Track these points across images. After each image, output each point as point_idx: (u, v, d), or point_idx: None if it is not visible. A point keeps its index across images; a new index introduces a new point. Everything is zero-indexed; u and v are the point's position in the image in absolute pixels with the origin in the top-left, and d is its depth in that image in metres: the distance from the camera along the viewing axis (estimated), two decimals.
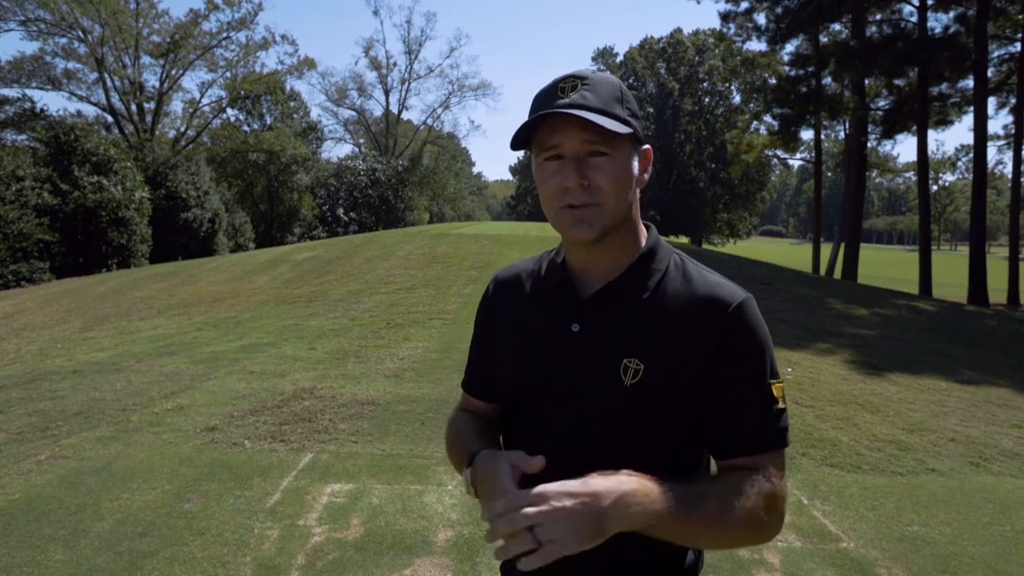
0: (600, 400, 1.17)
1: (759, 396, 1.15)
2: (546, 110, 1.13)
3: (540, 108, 1.15)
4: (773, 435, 1.15)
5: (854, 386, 7.19)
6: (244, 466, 4.55)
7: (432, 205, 57.63)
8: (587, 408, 1.18)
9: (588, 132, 1.12)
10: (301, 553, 3.44)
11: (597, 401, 1.17)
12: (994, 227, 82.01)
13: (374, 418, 5.63)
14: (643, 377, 1.15)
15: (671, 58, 60.04)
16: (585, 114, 1.10)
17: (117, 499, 4.00)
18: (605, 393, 1.16)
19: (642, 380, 1.14)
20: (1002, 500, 4.41)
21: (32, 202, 21.25)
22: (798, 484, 4.57)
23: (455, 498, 4.17)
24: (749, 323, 1.16)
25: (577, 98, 1.13)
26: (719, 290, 1.18)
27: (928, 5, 23.81)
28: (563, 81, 1.17)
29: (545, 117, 1.13)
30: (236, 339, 8.85)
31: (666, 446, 1.19)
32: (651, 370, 1.15)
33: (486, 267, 13.53)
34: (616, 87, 1.18)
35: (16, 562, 3.25)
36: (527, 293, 1.35)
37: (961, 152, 75.17)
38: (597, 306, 1.22)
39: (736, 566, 3.45)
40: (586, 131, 1.12)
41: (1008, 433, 5.92)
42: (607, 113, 1.13)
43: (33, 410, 5.90)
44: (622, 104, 1.17)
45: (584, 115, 1.10)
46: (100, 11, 32.01)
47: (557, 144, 1.15)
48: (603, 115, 1.12)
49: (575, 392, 1.19)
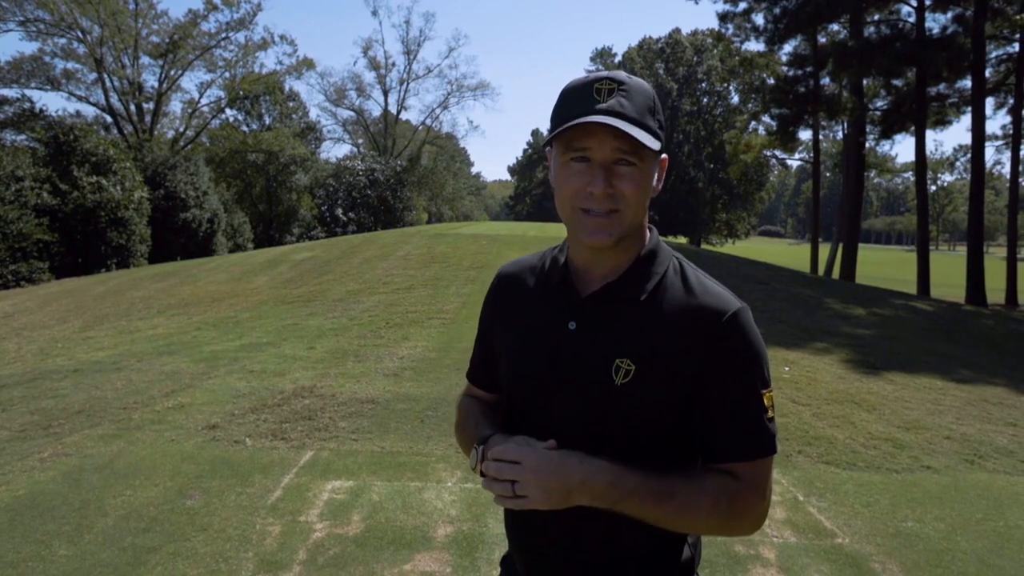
0: (592, 398, 1.21)
1: (749, 405, 1.19)
2: (587, 116, 1.13)
3: (574, 106, 1.17)
4: (761, 443, 1.19)
5: (851, 385, 7.24)
6: (245, 463, 4.59)
7: (430, 205, 57.67)
8: (580, 404, 1.22)
9: (620, 141, 1.14)
10: (303, 548, 3.48)
11: (589, 398, 1.21)
12: (993, 227, 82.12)
13: (374, 416, 5.67)
14: (633, 378, 1.18)
15: (669, 58, 60.13)
16: (623, 125, 1.12)
17: (120, 495, 4.04)
18: (597, 391, 1.20)
19: (632, 380, 1.18)
20: (995, 496, 4.46)
21: (31, 202, 21.27)
22: (794, 481, 4.62)
23: (454, 495, 4.21)
24: (742, 333, 1.19)
25: (614, 104, 1.15)
26: (714, 299, 1.21)
27: (926, 5, 23.86)
28: (599, 82, 1.18)
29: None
30: (236, 338, 8.89)
31: (655, 445, 1.21)
32: (642, 372, 1.18)
33: (484, 267, 13.56)
34: (650, 96, 1.20)
35: (22, 557, 3.29)
36: (530, 289, 1.38)
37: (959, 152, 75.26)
38: (594, 306, 1.25)
39: (732, 561, 3.50)
40: (619, 140, 1.14)
41: (1003, 431, 5.97)
42: (640, 124, 1.15)
43: (35, 408, 5.94)
44: (653, 115, 1.19)
45: (622, 126, 1.12)
46: (99, 11, 32.05)
47: (588, 147, 1.16)
48: (637, 125, 1.14)
49: (570, 388, 1.23)
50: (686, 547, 1.30)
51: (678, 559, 1.28)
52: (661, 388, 1.18)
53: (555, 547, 1.28)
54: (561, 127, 1.15)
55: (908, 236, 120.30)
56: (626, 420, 1.19)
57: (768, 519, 3.95)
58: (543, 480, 1.12)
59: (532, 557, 1.34)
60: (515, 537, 1.40)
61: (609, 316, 1.24)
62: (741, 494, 1.16)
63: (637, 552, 1.25)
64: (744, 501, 1.17)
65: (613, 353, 1.20)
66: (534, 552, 1.33)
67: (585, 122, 1.12)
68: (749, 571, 3.41)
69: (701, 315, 1.19)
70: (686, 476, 1.18)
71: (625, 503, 1.13)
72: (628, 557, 1.25)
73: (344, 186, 44.46)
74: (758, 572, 3.41)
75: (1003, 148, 31.19)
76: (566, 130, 1.15)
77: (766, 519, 1.22)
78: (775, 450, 1.19)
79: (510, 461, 1.14)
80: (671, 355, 1.18)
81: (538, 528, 1.28)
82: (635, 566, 1.26)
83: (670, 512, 1.14)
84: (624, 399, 1.18)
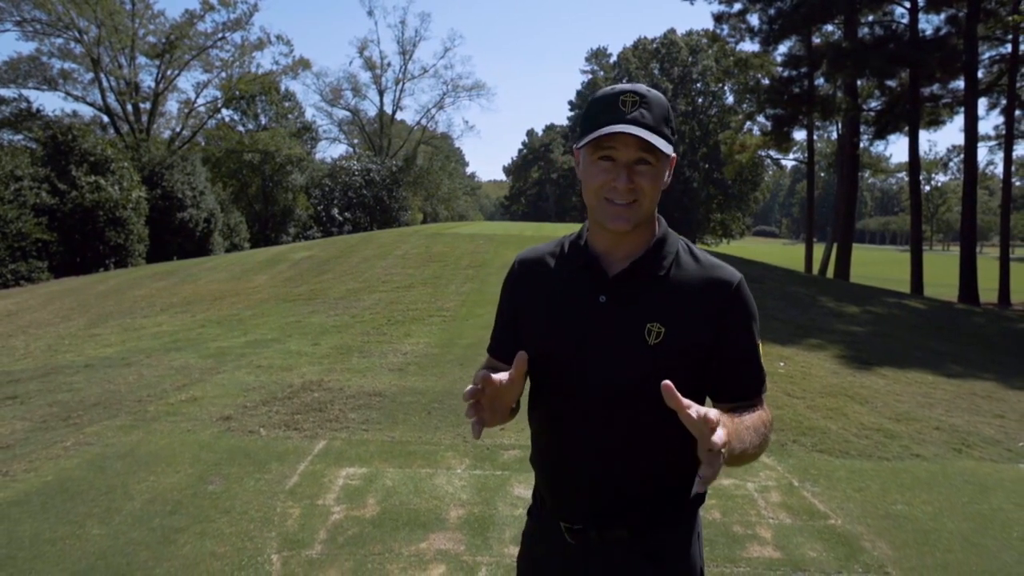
0: (628, 358, 1.43)
1: (754, 353, 1.50)
2: (617, 125, 1.36)
3: (603, 114, 1.40)
4: (762, 382, 1.51)
5: (844, 379, 7.44)
6: (261, 452, 4.76)
7: (426, 205, 57.76)
8: (618, 364, 1.44)
9: (641, 144, 1.37)
10: (323, 529, 3.66)
11: (626, 359, 1.43)
12: (987, 227, 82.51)
13: (382, 408, 5.84)
14: (665, 338, 1.42)
15: (665, 59, 60.45)
16: (644, 134, 1.35)
17: (144, 481, 4.21)
18: (632, 352, 1.43)
19: (664, 340, 1.42)
20: (981, 482, 4.66)
21: (30, 202, 21.39)
22: (789, 468, 4.81)
23: (464, 480, 4.39)
24: (746, 297, 1.49)
25: (638, 116, 1.38)
26: (723, 271, 1.49)
27: (919, 7, 24.12)
28: (624, 95, 1.41)
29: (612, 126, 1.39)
30: (240, 335, 9.05)
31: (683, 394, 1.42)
32: (671, 332, 1.42)
33: (482, 266, 13.74)
34: (665, 108, 1.43)
35: (59, 535, 3.46)
36: (553, 271, 1.59)
37: (953, 152, 75.81)
38: (621, 282, 1.48)
39: (731, 540, 3.69)
40: (640, 144, 1.37)
41: (990, 422, 6.18)
42: (658, 131, 1.39)
43: (52, 401, 6.10)
44: (667, 123, 1.43)
45: (644, 135, 1.35)
46: (96, 11, 32.06)
47: (614, 149, 1.39)
48: (655, 133, 1.38)
49: (605, 354, 1.44)
50: (693, 486, 1.50)
51: (689, 494, 1.50)
52: (687, 345, 1.43)
53: (590, 486, 1.49)
54: (594, 133, 1.39)
55: (902, 236, 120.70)
56: (660, 374, 1.35)
57: (764, 502, 4.17)
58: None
59: (568, 495, 1.54)
60: (551, 478, 1.58)
61: (635, 289, 1.47)
62: (768, 418, 1.48)
63: (661, 488, 1.48)
64: (770, 422, 1.48)
65: (644, 319, 1.43)
66: (570, 491, 1.53)
67: (615, 131, 1.36)
68: (747, 549, 3.60)
69: (715, 284, 1.47)
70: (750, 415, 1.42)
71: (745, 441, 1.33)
72: (649, 491, 1.48)
73: (340, 186, 44.59)
74: (755, 550, 3.60)
75: (996, 148, 31.53)
76: (598, 136, 1.38)
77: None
78: (766, 388, 1.53)
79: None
80: (693, 317, 1.44)
81: (575, 469, 1.49)
82: (658, 501, 1.48)
83: (760, 443, 1.40)
84: (658, 355, 1.41)
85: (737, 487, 4.41)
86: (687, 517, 1.52)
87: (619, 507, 1.48)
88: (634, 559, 1.48)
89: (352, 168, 45.63)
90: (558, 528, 1.55)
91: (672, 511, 1.49)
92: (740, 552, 3.57)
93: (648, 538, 1.48)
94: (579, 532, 1.52)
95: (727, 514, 4.03)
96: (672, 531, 1.50)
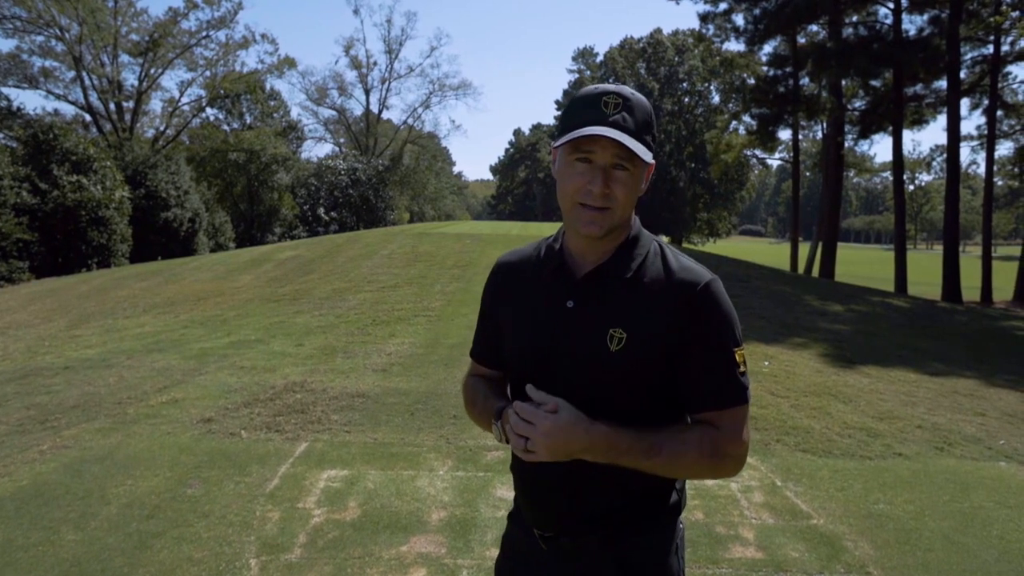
0: (591, 364, 1.40)
1: (723, 361, 1.39)
2: (597, 127, 1.33)
3: (584, 114, 1.37)
4: (734, 393, 1.39)
5: (828, 378, 7.46)
6: (242, 454, 4.71)
7: (412, 205, 57.63)
8: (581, 372, 1.41)
9: (620, 149, 1.33)
10: (303, 532, 3.62)
11: (589, 365, 1.40)
12: (970, 226, 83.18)
13: (365, 410, 5.80)
14: (626, 344, 1.37)
15: (651, 58, 60.49)
16: (624, 139, 1.32)
17: (121, 485, 4.15)
18: (595, 358, 1.39)
19: (625, 347, 1.37)
20: (962, 480, 4.68)
21: (11, 201, 21.13)
22: (772, 468, 4.81)
23: (446, 482, 4.36)
24: (714, 299, 1.39)
25: (619, 119, 1.35)
26: (689, 273, 1.41)
27: (903, 7, 24.28)
28: (607, 95, 1.37)
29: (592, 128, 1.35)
30: (224, 336, 8.97)
31: (647, 404, 1.42)
32: (632, 338, 1.38)
33: (468, 266, 13.71)
34: (648, 113, 1.40)
35: (32, 542, 3.41)
36: (529, 275, 1.57)
37: (936, 152, 76.27)
38: (588, 285, 1.45)
39: (713, 541, 3.68)
40: (619, 149, 1.33)
41: (972, 420, 6.21)
42: (638, 137, 1.35)
43: (30, 404, 6.02)
44: (649, 130, 1.40)
45: (623, 140, 1.32)
46: (78, 9, 31.79)
47: (592, 151, 1.35)
48: (635, 138, 1.35)
49: (571, 359, 1.42)
50: (673, 492, 1.50)
51: (666, 503, 1.48)
52: (649, 352, 1.38)
53: (558, 494, 1.47)
54: (574, 133, 1.34)
55: (887, 235, 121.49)
56: (621, 381, 1.39)
57: (747, 503, 4.16)
58: (551, 443, 1.32)
59: (537, 503, 1.53)
60: (522, 485, 1.57)
61: (601, 293, 1.43)
62: (721, 440, 1.37)
63: (630, 497, 1.45)
64: (724, 446, 1.37)
65: (606, 324, 1.40)
66: (539, 499, 1.52)
67: (595, 134, 1.32)
68: (729, 549, 3.59)
69: (679, 287, 1.39)
70: (673, 430, 1.38)
71: (622, 459, 1.34)
72: (622, 502, 1.45)
73: (326, 185, 44.40)
74: (738, 551, 3.59)
75: (978, 148, 31.65)
76: (577, 137, 1.34)
77: (745, 463, 1.45)
78: (747, 400, 1.40)
79: (527, 421, 1.34)
80: (656, 322, 1.38)
81: (543, 478, 1.47)
82: (629, 509, 1.45)
83: (661, 463, 1.35)
84: (618, 363, 1.37)
85: (720, 487, 4.40)
86: (661, 526, 1.49)
87: (588, 515, 1.45)
88: (606, 567, 1.45)
89: (338, 167, 45.45)
90: (534, 535, 1.54)
91: (643, 519, 1.47)
92: (723, 553, 3.56)
93: (620, 545, 1.45)
94: (551, 539, 1.50)
95: (710, 515, 4.02)
96: (645, 539, 1.47)
